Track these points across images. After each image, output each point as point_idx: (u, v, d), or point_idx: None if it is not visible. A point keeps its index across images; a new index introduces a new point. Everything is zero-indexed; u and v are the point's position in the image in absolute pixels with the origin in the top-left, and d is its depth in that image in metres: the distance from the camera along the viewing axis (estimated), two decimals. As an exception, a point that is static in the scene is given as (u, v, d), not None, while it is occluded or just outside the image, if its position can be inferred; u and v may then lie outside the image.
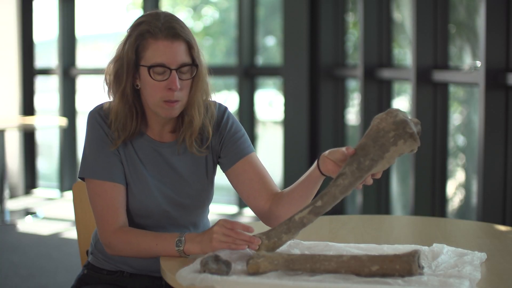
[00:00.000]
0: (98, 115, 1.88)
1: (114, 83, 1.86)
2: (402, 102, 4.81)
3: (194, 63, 1.83)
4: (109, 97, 1.89)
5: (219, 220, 1.67)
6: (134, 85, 1.85)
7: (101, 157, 1.85)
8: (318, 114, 5.29)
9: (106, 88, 1.89)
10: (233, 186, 1.95)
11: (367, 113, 4.66)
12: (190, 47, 1.82)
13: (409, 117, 1.64)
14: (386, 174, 4.71)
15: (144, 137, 1.89)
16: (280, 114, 5.84)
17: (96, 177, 1.84)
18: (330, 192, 1.63)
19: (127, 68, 1.82)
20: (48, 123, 5.65)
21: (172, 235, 1.73)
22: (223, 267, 1.48)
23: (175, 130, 1.92)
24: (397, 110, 1.62)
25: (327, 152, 1.76)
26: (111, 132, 1.86)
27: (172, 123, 1.91)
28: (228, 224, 1.65)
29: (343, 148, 1.70)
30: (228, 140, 1.92)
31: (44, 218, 5.58)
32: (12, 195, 6.42)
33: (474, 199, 3.65)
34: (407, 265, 1.46)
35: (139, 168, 1.87)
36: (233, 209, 5.76)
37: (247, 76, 5.76)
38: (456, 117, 4.20)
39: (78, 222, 2.17)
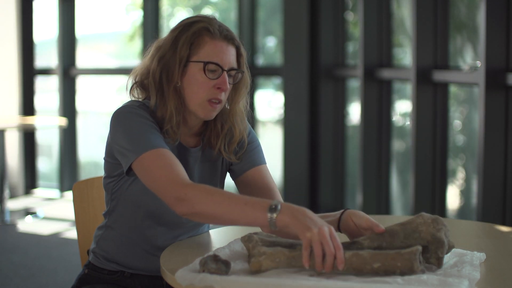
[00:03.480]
0: (141, 109, 1.83)
1: (165, 80, 1.84)
2: (402, 103, 4.81)
3: (240, 70, 1.87)
4: (162, 101, 1.85)
5: (330, 226, 1.52)
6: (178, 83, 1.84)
7: (153, 132, 1.78)
8: (318, 114, 5.29)
9: (151, 87, 1.85)
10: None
11: (367, 113, 4.66)
12: (239, 55, 1.88)
13: (448, 238, 1.58)
14: (387, 174, 4.71)
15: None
16: (280, 114, 5.84)
17: (154, 147, 1.74)
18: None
19: (180, 64, 1.82)
20: (48, 123, 5.65)
21: (263, 200, 1.60)
22: (222, 266, 1.48)
23: (199, 133, 1.94)
24: (443, 224, 1.57)
25: (352, 212, 1.72)
26: (165, 134, 1.83)
27: (198, 128, 1.93)
28: (335, 239, 1.49)
29: (371, 220, 1.66)
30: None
31: (44, 218, 5.58)
32: (12, 195, 6.42)
33: (474, 199, 3.65)
34: (408, 263, 1.46)
35: None
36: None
37: (247, 76, 5.75)
38: (456, 117, 4.20)
39: (78, 222, 2.17)
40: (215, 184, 1.96)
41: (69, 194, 6.39)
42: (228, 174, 2.01)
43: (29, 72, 6.66)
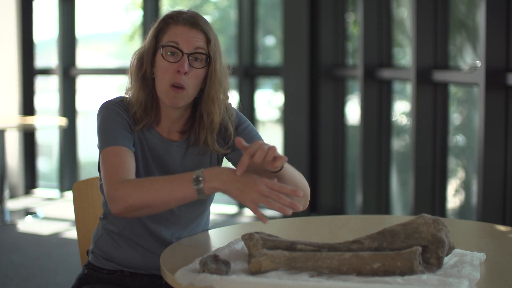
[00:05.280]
0: (117, 105, 1.87)
1: (137, 70, 1.89)
2: (402, 103, 4.81)
3: (206, 53, 1.85)
4: (132, 87, 1.90)
5: (258, 177, 1.60)
6: (151, 73, 1.88)
7: (117, 128, 1.82)
8: (318, 114, 5.29)
9: (130, 79, 1.91)
10: None
11: (367, 113, 4.66)
12: (208, 40, 1.86)
13: (449, 238, 1.58)
14: (387, 174, 4.71)
15: (154, 134, 1.90)
16: (279, 114, 5.83)
17: (111, 144, 1.79)
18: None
19: (148, 53, 1.87)
20: (48, 123, 5.65)
21: (187, 174, 1.66)
22: (222, 267, 1.48)
23: (185, 130, 1.93)
24: (444, 225, 1.57)
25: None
26: (134, 119, 1.87)
27: (182, 122, 1.92)
28: (273, 185, 1.59)
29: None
30: (234, 132, 1.93)
31: (44, 218, 5.58)
32: (12, 195, 6.42)
33: (474, 199, 3.65)
34: (408, 262, 1.46)
35: (149, 163, 1.89)
36: (233, 209, 5.76)
37: (247, 76, 5.76)
38: (456, 117, 4.20)
39: (78, 222, 2.17)
40: None
41: (69, 194, 6.39)
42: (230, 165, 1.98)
43: (29, 72, 6.66)
